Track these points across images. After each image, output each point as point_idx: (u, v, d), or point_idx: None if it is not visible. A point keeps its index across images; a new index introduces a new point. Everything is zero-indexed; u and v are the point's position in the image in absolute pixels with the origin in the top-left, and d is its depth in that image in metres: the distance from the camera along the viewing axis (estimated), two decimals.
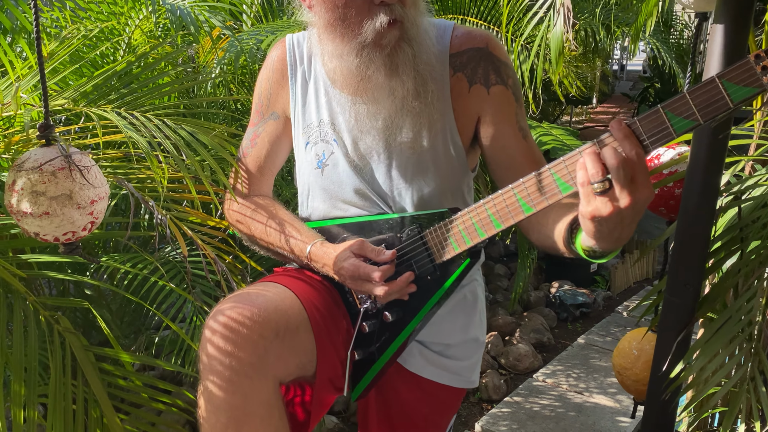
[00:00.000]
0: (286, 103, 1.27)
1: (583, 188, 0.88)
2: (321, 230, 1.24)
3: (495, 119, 1.19)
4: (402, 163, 1.19)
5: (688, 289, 1.21)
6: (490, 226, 1.07)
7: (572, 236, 1.03)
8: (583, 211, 0.89)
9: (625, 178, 0.85)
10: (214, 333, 0.98)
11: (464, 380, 1.31)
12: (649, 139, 0.88)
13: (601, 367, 3.06)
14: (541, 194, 0.99)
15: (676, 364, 1.22)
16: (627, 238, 0.93)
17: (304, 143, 1.25)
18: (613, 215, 0.86)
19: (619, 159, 0.85)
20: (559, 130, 3.13)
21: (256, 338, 0.98)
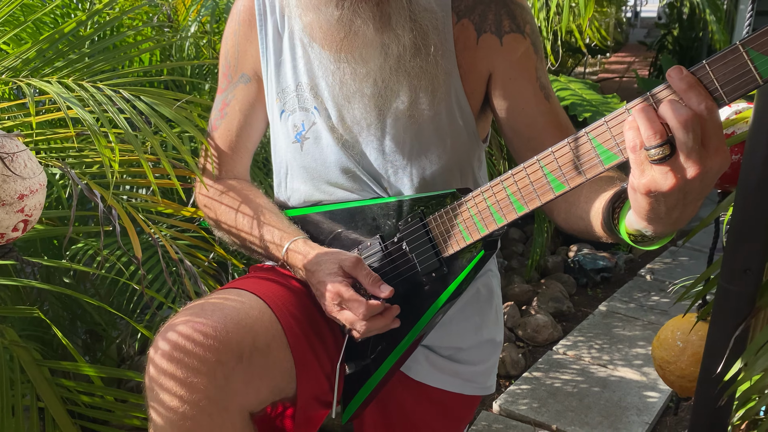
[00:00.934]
0: (257, 62, 1.05)
1: (635, 155, 0.68)
2: (303, 219, 1.04)
3: (510, 76, 0.98)
4: (398, 136, 0.98)
5: (748, 276, 1.01)
6: (509, 210, 0.86)
7: (614, 217, 0.82)
8: (636, 184, 0.69)
9: (693, 141, 0.64)
10: (163, 355, 0.79)
11: (479, 387, 1.12)
12: (723, 89, 0.66)
13: (625, 337, 2.88)
14: (576, 167, 0.78)
15: (733, 363, 1.04)
16: (688, 220, 0.73)
17: (279, 111, 1.03)
18: (676, 190, 0.66)
19: (686, 116, 0.64)
20: (578, 83, 2.88)
21: (214, 364, 0.79)
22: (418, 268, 0.95)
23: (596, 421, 2.30)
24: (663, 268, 3.63)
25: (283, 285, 0.97)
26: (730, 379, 1.03)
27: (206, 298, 0.90)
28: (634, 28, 11.93)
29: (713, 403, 1.08)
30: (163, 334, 0.82)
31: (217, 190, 1.05)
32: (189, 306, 0.87)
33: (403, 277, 0.97)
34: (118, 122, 0.95)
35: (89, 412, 1.06)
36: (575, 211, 0.91)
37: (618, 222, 0.81)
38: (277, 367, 0.88)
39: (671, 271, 3.60)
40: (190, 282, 1.07)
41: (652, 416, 2.33)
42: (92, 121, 0.93)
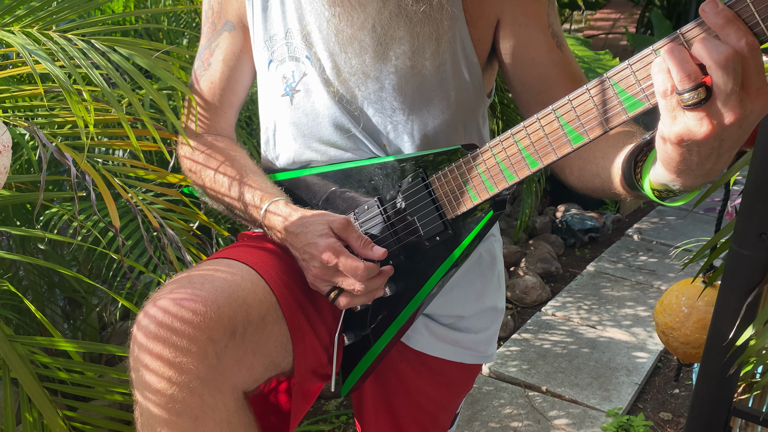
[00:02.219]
0: (242, 7, 0.96)
1: (666, 100, 0.61)
2: (294, 182, 0.97)
3: (520, 22, 0.90)
4: (399, 89, 0.90)
5: (763, 240, 0.97)
6: (522, 166, 0.79)
7: (636, 172, 0.76)
8: (667, 133, 0.62)
9: (734, 82, 0.57)
10: (147, 335, 0.72)
11: (480, 355, 1.08)
12: (765, 23, 0.58)
13: (614, 297, 2.88)
14: (596, 116, 0.71)
15: (743, 331, 1.00)
16: (721, 171, 0.66)
17: (267, 61, 0.95)
18: (711, 137, 0.60)
19: (725, 53, 0.57)
20: (569, 39, 2.80)
21: (204, 342, 0.72)
22: (420, 231, 0.89)
23: (586, 382, 2.30)
24: (650, 228, 3.62)
25: (275, 254, 0.90)
26: (739, 347, 1.00)
27: (194, 270, 0.83)
28: None
29: (721, 371, 1.05)
30: (148, 311, 0.75)
31: (200, 149, 0.97)
32: (175, 278, 0.80)
33: (405, 242, 0.90)
34: (93, 78, 0.86)
35: (68, 389, 1.00)
36: (591, 168, 0.85)
37: (641, 176, 0.75)
38: (272, 341, 0.82)
39: (658, 231, 3.60)
40: (173, 250, 0.99)
41: (641, 376, 2.33)
42: (63, 76, 0.84)
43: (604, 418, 2.12)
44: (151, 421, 0.74)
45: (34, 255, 1.66)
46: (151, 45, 0.98)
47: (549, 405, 2.19)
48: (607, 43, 6.49)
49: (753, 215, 0.97)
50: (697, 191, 0.72)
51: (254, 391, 0.83)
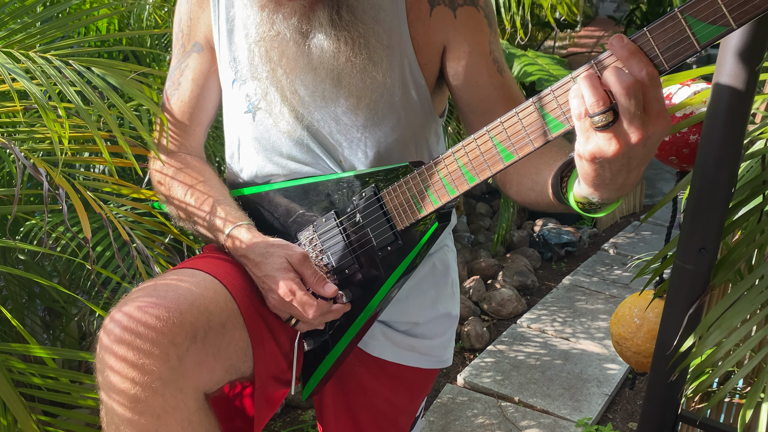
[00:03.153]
0: (209, 30, 1.02)
1: (580, 122, 0.68)
2: (257, 197, 1.02)
3: (464, 49, 0.97)
4: (353, 110, 0.97)
5: (703, 255, 1.03)
6: (461, 181, 0.86)
7: (562, 186, 0.83)
8: (581, 150, 0.70)
9: (636, 107, 0.65)
10: (112, 338, 0.77)
11: (436, 360, 1.13)
12: (663, 55, 0.67)
13: (588, 310, 2.94)
14: (525, 136, 0.78)
15: (686, 339, 1.06)
16: (633, 186, 0.74)
17: (231, 80, 1.01)
18: (620, 155, 0.67)
19: (628, 82, 0.65)
20: (546, 59, 2.88)
21: (166, 345, 0.77)
22: (374, 242, 0.95)
23: (557, 393, 2.35)
24: (626, 243, 3.70)
25: (237, 265, 0.95)
26: (682, 355, 1.05)
27: (159, 279, 0.88)
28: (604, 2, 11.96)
29: (667, 378, 1.10)
30: (114, 316, 0.80)
31: (171, 166, 1.02)
32: (141, 286, 0.85)
33: (359, 252, 0.97)
34: (68, 95, 0.91)
35: (44, 395, 1.03)
36: (527, 183, 0.92)
37: (566, 190, 0.82)
38: (232, 346, 0.86)
39: (634, 246, 3.67)
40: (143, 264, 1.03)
41: (611, 388, 2.39)
42: (40, 94, 0.89)
43: (574, 428, 2.17)
44: (115, 420, 0.78)
45: (15, 266, 1.69)
46: (126, 66, 1.03)
47: (521, 415, 2.24)
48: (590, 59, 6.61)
49: (694, 232, 1.03)
50: (616, 204, 0.80)
51: (216, 393, 0.87)
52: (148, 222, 1.15)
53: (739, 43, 0.94)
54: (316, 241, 0.99)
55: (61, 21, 1.19)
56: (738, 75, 0.94)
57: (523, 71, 2.77)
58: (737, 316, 1.02)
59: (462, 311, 2.85)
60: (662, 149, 1.12)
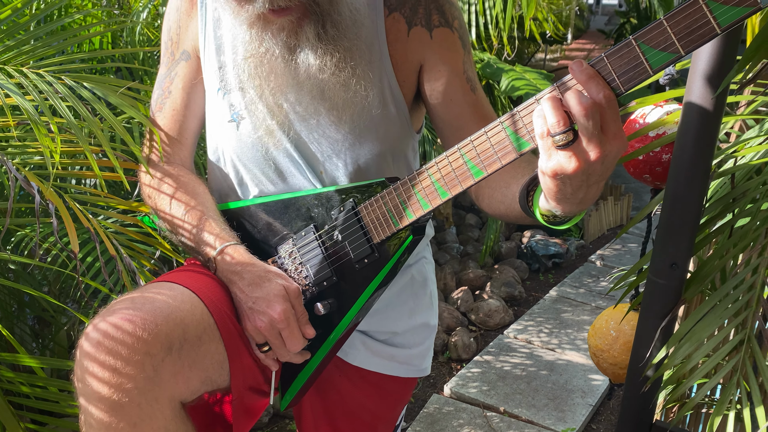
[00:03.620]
0: (196, 38, 1.05)
1: (543, 141, 0.73)
2: (239, 211, 1.05)
3: (440, 68, 1.01)
4: (334, 124, 1.00)
5: (675, 270, 1.07)
6: (434, 196, 0.90)
7: (528, 200, 0.88)
8: (544, 167, 0.74)
9: (594, 127, 0.70)
10: (92, 346, 0.80)
11: (415, 369, 1.16)
12: (619, 79, 0.72)
13: (574, 322, 2.98)
14: (493, 154, 0.83)
15: (659, 352, 1.09)
16: (593, 200, 0.79)
17: (216, 88, 1.04)
18: (579, 172, 0.72)
19: (586, 104, 0.69)
20: (533, 73, 2.93)
21: (142, 356, 0.80)
22: (351, 254, 0.98)
23: (542, 404, 2.38)
24: (612, 255, 3.74)
25: (215, 279, 0.98)
26: (655, 366, 1.09)
27: (138, 291, 0.91)
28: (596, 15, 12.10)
29: (641, 389, 1.14)
30: (94, 325, 0.83)
31: (161, 179, 1.05)
32: (121, 298, 0.88)
33: (337, 264, 1.00)
34: (60, 110, 0.94)
35: (32, 403, 1.05)
36: (497, 196, 0.97)
37: (533, 205, 0.87)
38: (208, 358, 0.89)
39: (620, 258, 3.72)
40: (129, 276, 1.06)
41: (595, 398, 2.42)
42: (32, 109, 0.92)
43: None
44: (94, 425, 0.81)
45: (5, 275, 1.71)
46: (117, 82, 1.06)
47: (506, 425, 2.26)
48: None
49: (666, 248, 1.07)
50: (579, 217, 0.84)
51: (194, 402, 0.90)
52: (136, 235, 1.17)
53: (706, 67, 0.98)
54: (296, 254, 1.02)
55: (54, 38, 1.22)
56: (706, 98, 0.98)
57: (510, 85, 2.82)
58: (707, 329, 1.05)
59: (450, 322, 2.88)
60: (636, 167, 1.16)
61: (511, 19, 2.22)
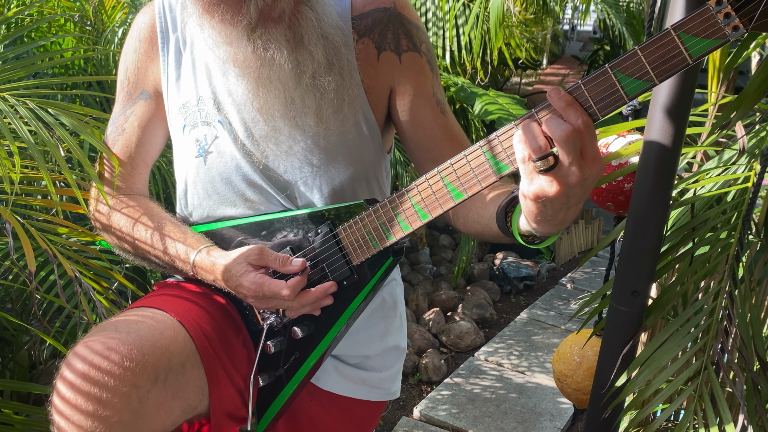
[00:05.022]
0: (158, 79, 1.06)
1: (524, 165, 0.75)
2: (210, 234, 1.05)
3: (409, 92, 1.04)
4: (308, 148, 1.01)
5: (636, 298, 1.09)
6: (415, 218, 0.91)
7: (507, 221, 0.89)
8: (525, 191, 0.76)
9: (574, 152, 0.72)
10: (77, 376, 0.79)
11: (385, 393, 1.17)
12: (596, 105, 0.75)
13: (544, 344, 2.99)
14: (473, 177, 0.84)
15: (621, 377, 1.11)
16: (571, 220, 0.81)
17: (181, 126, 1.04)
18: (560, 195, 0.74)
19: (566, 131, 0.71)
20: (506, 98, 2.98)
21: (128, 389, 0.79)
22: (329, 277, 0.98)
23: (511, 427, 2.38)
24: (583, 278, 3.78)
25: (193, 302, 0.97)
26: (617, 392, 1.10)
27: (119, 317, 0.90)
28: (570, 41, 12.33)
29: (602, 415, 1.15)
30: (77, 353, 0.81)
31: (117, 209, 1.05)
32: (102, 325, 0.87)
33: None
34: (21, 134, 0.93)
35: None
36: (472, 216, 0.98)
37: (511, 225, 0.89)
38: (190, 386, 0.89)
39: (591, 281, 3.76)
40: (85, 297, 1.05)
41: (563, 422, 2.43)
42: None
43: None
44: None
45: None
46: (82, 110, 1.06)
47: None
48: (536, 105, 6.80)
49: (627, 276, 1.09)
50: (556, 236, 0.87)
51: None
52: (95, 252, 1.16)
53: (666, 100, 1.00)
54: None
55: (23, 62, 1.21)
56: (666, 130, 1.01)
57: (484, 110, 2.85)
58: (668, 355, 1.07)
59: (421, 343, 2.87)
60: (600, 196, 1.19)
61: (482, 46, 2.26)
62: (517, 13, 1.61)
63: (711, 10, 0.70)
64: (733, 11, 0.69)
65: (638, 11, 4.82)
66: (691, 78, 0.99)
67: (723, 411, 1.02)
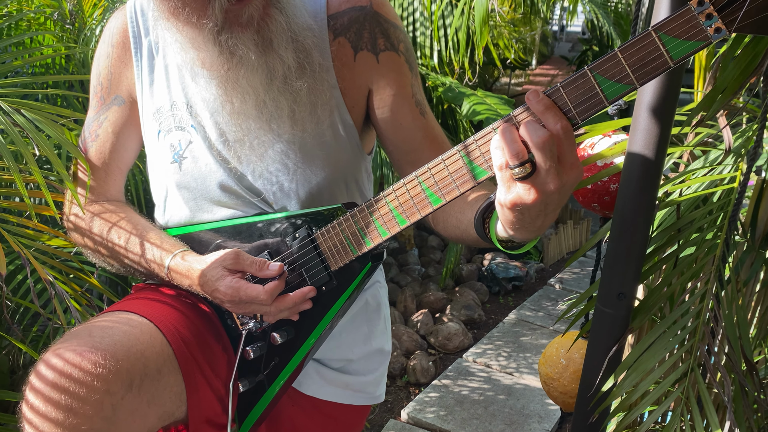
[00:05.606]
0: (131, 85, 1.04)
1: (502, 173, 0.72)
2: (187, 238, 1.03)
3: (388, 92, 1.01)
4: (282, 151, 0.99)
5: (621, 300, 1.07)
6: (393, 224, 0.89)
7: (485, 227, 0.87)
8: (503, 199, 0.74)
9: (552, 159, 0.69)
10: (45, 384, 0.76)
11: (369, 397, 1.15)
12: (575, 110, 0.72)
13: (532, 345, 2.98)
14: (451, 182, 0.82)
15: (607, 380, 1.09)
16: (548, 226, 0.79)
17: (155, 131, 1.02)
18: (538, 202, 0.71)
19: (544, 137, 0.68)
20: (494, 98, 2.96)
21: (100, 396, 0.76)
22: (308, 282, 0.96)
23: (499, 429, 2.37)
24: (572, 278, 3.78)
25: (171, 306, 0.95)
26: (604, 395, 1.09)
27: (93, 321, 0.88)
28: (560, 42, 12.36)
29: (589, 418, 1.13)
30: (47, 360, 0.78)
31: (91, 214, 1.03)
32: (74, 331, 0.84)
33: None
34: None
35: None
36: (452, 221, 0.96)
37: (489, 231, 0.87)
38: (167, 392, 0.86)
39: (579, 281, 3.76)
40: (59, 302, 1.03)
41: (552, 424, 2.42)
42: None
43: None
44: None
45: None
46: (55, 110, 1.03)
47: None
48: None
49: (613, 278, 1.07)
50: (535, 241, 0.84)
51: None
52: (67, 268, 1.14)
53: (651, 99, 0.99)
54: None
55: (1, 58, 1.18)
56: (651, 130, 0.99)
57: (472, 110, 2.84)
58: (655, 357, 1.06)
59: (409, 345, 2.86)
60: (585, 196, 1.17)
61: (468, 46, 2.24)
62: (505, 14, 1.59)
63: (693, 10, 0.67)
64: (716, 12, 0.67)
65: (626, 12, 4.84)
66: (676, 78, 0.98)
67: (710, 414, 1.01)
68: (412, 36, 2.97)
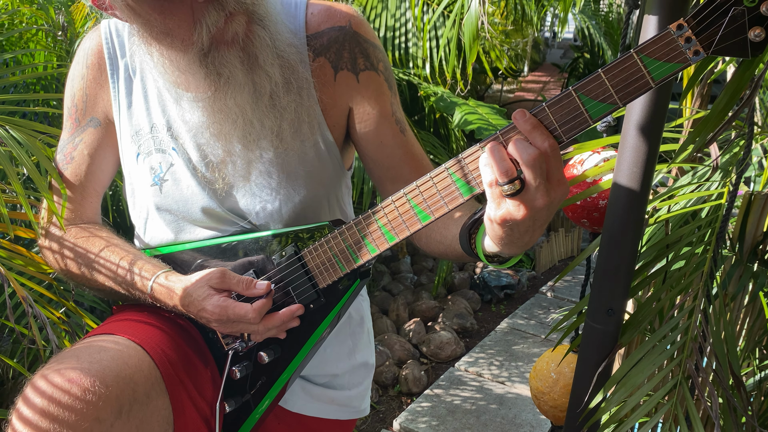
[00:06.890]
0: (108, 106, 1.03)
1: (491, 190, 0.74)
2: (168, 258, 1.02)
3: (368, 111, 1.02)
4: (265, 171, 0.99)
5: (611, 316, 1.08)
6: (382, 240, 0.90)
7: (471, 242, 0.88)
8: (493, 215, 0.75)
9: (540, 176, 0.71)
10: (34, 412, 0.75)
11: (354, 411, 1.15)
12: (561, 128, 0.74)
13: (524, 354, 2.99)
14: (439, 199, 0.84)
15: (597, 395, 1.10)
16: (535, 241, 0.81)
17: (135, 154, 1.02)
18: (527, 219, 0.73)
19: (534, 155, 0.71)
20: (486, 108, 2.98)
21: (90, 424, 0.75)
22: (295, 300, 0.96)
23: None
24: (564, 286, 3.79)
25: (156, 327, 0.95)
26: (592, 410, 1.09)
27: (80, 344, 0.87)
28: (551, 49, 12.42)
29: None
30: (35, 384, 0.78)
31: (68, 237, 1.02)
32: (62, 354, 0.84)
33: None
34: None
35: None
36: (435, 237, 0.97)
37: (476, 246, 0.88)
38: (155, 416, 0.86)
39: (571, 289, 3.77)
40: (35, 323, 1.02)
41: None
42: None
43: None
44: None
45: None
46: (45, 128, 1.03)
47: None
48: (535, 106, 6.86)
49: (602, 293, 1.08)
50: (520, 256, 0.86)
51: None
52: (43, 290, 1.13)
53: (640, 119, 1.00)
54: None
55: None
56: (639, 148, 1.00)
57: (463, 120, 2.85)
58: (644, 373, 1.07)
59: (401, 354, 2.86)
60: (575, 212, 1.18)
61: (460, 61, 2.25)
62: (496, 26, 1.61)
63: (672, 34, 0.70)
64: (694, 36, 0.69)
65: (617, 21, 4.87)
66: (664, 95, 0.99)
67: (697, 429, 1.02)
68: (404, 46, 2.98)
